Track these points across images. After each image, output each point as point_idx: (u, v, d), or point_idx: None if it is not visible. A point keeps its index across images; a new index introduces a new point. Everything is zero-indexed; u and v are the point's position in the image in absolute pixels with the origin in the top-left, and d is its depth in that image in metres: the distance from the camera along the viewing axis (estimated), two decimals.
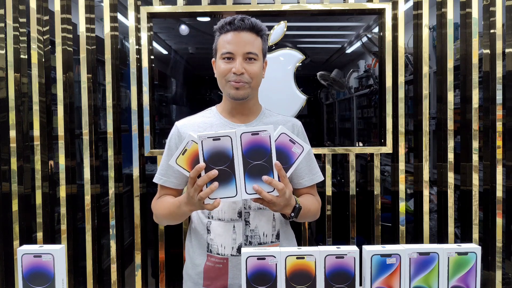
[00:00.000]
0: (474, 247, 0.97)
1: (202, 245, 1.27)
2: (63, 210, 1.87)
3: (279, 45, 1.91)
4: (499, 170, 1.85)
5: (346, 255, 0.95)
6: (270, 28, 1.89)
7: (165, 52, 2.06)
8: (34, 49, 1.84)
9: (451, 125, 1.86)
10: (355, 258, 0.95)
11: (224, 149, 0.99)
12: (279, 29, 1.89)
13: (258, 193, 1.01)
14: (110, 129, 1.87)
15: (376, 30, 1.96)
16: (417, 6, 1.89)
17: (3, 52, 1.84)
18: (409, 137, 2.05)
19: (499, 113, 1.84)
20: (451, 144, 1.86)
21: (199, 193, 1.01)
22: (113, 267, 1.89)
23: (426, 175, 1.88)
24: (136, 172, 1.87)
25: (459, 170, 1.92)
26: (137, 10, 1.86)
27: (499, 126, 1.84)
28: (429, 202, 1.90)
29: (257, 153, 1.00)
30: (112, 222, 1.87)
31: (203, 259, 1.26)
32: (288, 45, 1.92)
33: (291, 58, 1.91)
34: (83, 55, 1.85)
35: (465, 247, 0.97)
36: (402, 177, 1.88)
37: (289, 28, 1.89)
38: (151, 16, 1.88)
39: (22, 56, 1.88)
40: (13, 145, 1.85)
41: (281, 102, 1.91)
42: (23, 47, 1.87)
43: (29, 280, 0.97)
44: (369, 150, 1.91)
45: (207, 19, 1.95)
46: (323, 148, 1.89)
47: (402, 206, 1.90)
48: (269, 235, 1.25)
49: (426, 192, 1.88)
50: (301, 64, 1.91)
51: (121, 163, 1.93)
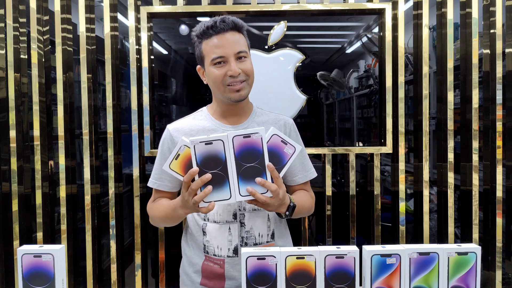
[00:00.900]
0: (474, 247, 0.97)
1: (199, 246, 1.27)
2: (63, 210, 1.87)
3: (279, 45, 1.91)
4: (499, 170, 1.85)
5: (346, 255, 0.95)
6: (270, 28, 1.89)
7: (165, 52, 2.06)
8: (34, 49, 1.84)
9: (451, 125, 1.86)
10: (355, 258, 0.95)
11: (216, 152, 1.00)
12: (279, 29, 1.89)
13: (252, 195, 1.02)
14: (110, 129, 1.87)
15: (376, 30, 1.96)
16: (417, 6, 1.89)
17: (3, 52, 1.84)
18: (409, 137, 2.05)
19: (499, 113, 1.84)
20: (451, 144, 1.86)
21: (194, 197, 1.02)
22: (113, 267, 1.89)
23: (426, 175, 1.88)
24: (136, 172, 1.87)
25: (459, 170, 1.92)
26: (137, 10, 1.86)
27: (499, 126, 1.84)
28: (429, 202, 1.90)
29: (250, 155, 1.01)
30: (112, 222, 1.87)
31: (201, 258, 1.26)
32: (288, 45, 1.92)
33: (291, 58, 1.91)
34: (83, 55, 1.85)
35: (465, 247, 0.97)
36: (402, 177, 1.88)
37: (289, 28, 1.89)
38: (151, 16, 1.88)
39: (22, 56, 1.88)
40: (13, 145, 1.85)
41: (281, 102, 1.91)
42: (23, 47, 1.87)
43: (29, 280, 0.97)
44: (369, 150, 1.91)
45: (207, 19, 1.94)
46: (323, 148, 1.89)
47: (402, 206, 1.90)
48: (265, 235, 1.25)
49: (426, 192, 1.88)
50: (301, 64, 1.91)
51: (121, 163, 1.93)
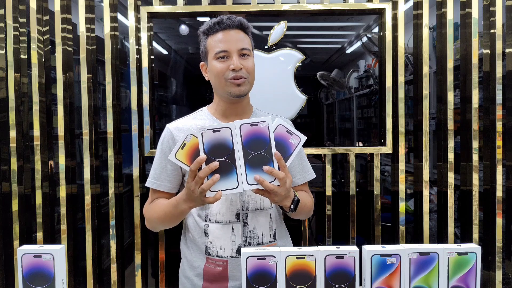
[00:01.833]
0: (474, 247, 0.97)
1: (200, 249, 1.26)
2: (63, 210, 1.87)
3: (279, 45, 1.91)
4: (499, 170, 1.85)
5: (346, 255, 0.95)
6: (270, 28, 1.89)
7: (165, 52, 2.06)
8: (34, 49, 1.84)
9: (451, 125, 1.86)
10: (355, 258, 0.95)
11: (224, 140, 1.00)
12: (279, 29, 1.89)
13: (259, 183, 1.01)
14: (110, 129, 1.87)
15: (376, 30, 1.96)
16: (417, 6, 1.89)
17: (3, 52, 1.84)
18: (409, 137, 2.05)
19: (499, 113, 1.84)
20: (451, 144, 1.86)
21: (201, 185, 1.00)
22: (113, 267, 1.89)
23: (426, 175, 1.88)
24: (136, 172, 1.87)
25: (459, 170, 1.92)
26: (137, 10, 1.86)
27: (499, 126, 1.84)
28: (429, 202, 1.90)
29: (257, 143, 1.01)
30: (112, 222, 1.87)
31: (202, 261, 1.25)
32: (288, 45, 1.92)
33: (291, 58, 1.91)
34: (83, 55, 1.85)
35: (465, 247, 0.97)
36: (402, 177, 1.88)
37: (289, 28, 1.89)
38: (151, 16, 1.88)
39: (22, 56, 1.88)
40: (13, 145, 1.85)
41: (281, 102, 1.91)
42: (23, 47, 1.87)
43: (29, 280, 0.97)
44: (369, 150, 1.91)
45: (207, 19, 1.94)
46: (323, 148, 1.89)
47: (402, 206, 1.90)
48: (267, 235, 1.25)
49: (426, 192, 1.88)
50: (301, 64, 1.91)
51: (121, 163, 1.93)
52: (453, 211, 1.87)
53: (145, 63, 1.85)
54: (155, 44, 1.93)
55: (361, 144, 2.24)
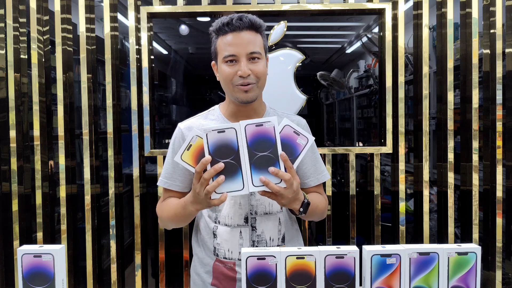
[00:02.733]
0: (474, 247, 0.97)
1: (209, 249, 1.26)
2: (63, 210, 1.87)
3: (279, 45, 1.91)
4: (499, 170, 1.85)
5: (346, 255, 0.95)
6: (270, 28, 1.89)
7: (165, 52, 2.06)
8: (34, 49, 1.84)
9: (451, 125, 1.86)
10: (355, 258, 0.95)
11: (229, 141, 0.98)
12: (279, 29, 1.89)
13: (265, 185, 0.99)
14: (110, 129, 1.87)
15: (376, 30, 1.96)
16: (417, 6, 1.89)
17: (3, 52, 1.84)
18: (409, 137, 2.05)
19: (499, 113, 1.84)
20: (451, 144, 1.86)
21: (206, 187, 0.99)
22: (113, 267, 1.89)
23: (426, 175, 1.88)
24: (136, 172, 1.87)
25: (459, 170, 1.92)
26: (137, 10, 1.86)
27: (499, 126, 1.84)
28: (429, 202, 1.90)
29: (262, 144, 0.99)
30: (112, 222, 1.87)
31: (212, 259, 1.25)
32: (288, 45, 1.92)
33: (291, 58, 1.91)
34: (83, 55, 1.85)
35: (465, 247, 0.97)
36: (402, 177, 1.88)
37: (289, 28, 1.89)
38: (151, 16, 1.88)
39: (22, 56, 1.88)
40: (13, 145, 1.85)
41: (281, 102, 1.91)
42: (23, 47, 1.87)
43: (29, 280, 0.97)
44: (369, 150, 1.91)
45: (207, 19, 1.95)
46: (323, 148, 1.89)
47: (402, 206, 1.89)
48: (275, 239, 1.24)
49: (426, 192, 1.88)
50: (301, 64, 1.91)
51: (121, 163, 1.93)
52: (453, 211, 1.87)
53: (145, 63, 1.85)
54: (155, 44, 1.93)
55: (361, 144, 2.24)
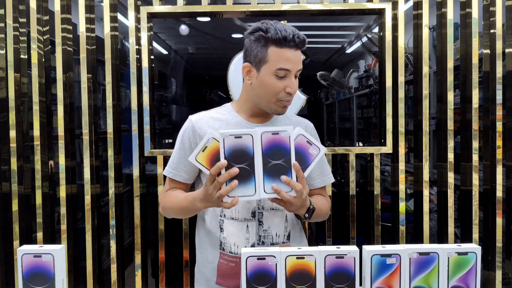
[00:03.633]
0: (474, 247, 0.97)
1: (214, 243, 1.26)
2: (63, 210, 1.87)
3: None
4: (499, 170, 1.85)
5: (346, 255, 0.95)
6: None
7: (165, 52, 2.06)
8: (34, 49, 1.84)
9: (451, 125, 1.86)
10: (355, 258, 0.95)
11: (245, 147, 1.00)
12: None
13: (277, 193, 1.02)
14: (110, 129, 1.87)
15: (376, 30, 1.96)
16: (417, 6, 1.89)
17: (3, 52, 1.84)
18: (409, 137, 2.05)
19: (499, 113, 1.84)
20: (451, 144, 1.86)
21: (219, 190, 1.01)
22: (113, 267, 1.89)
23: (426, 175, 1.88)
24: (136, 172, 1.87)
25: (459, 170, 1.92)
26: (137, 10, 1.86)
27: (499, 126, 1.84)
28: (429, 202, 1.90)
29: (277, 152, 1.01)
30: (112, 222, 1.87)
31: (216, 256, 1.25)
32: None
33: None
34: (83, 55, 1.85)
35: (465, 247, 0.97)
36: (402, 177, 1.88)
37: None
38: (151, 16, 1.88)
39: (22, 56, 1.88)
40: (13, 145, 1.85)
41: None
42: (23, 47, 1.87)
43: (29, 280, 0.97)
44: (369, 150, 1.91)
45: (207, 19, 1.95)
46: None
47: (402, 206, 1.89)
48: (281, 236, 1.24)
49: (426, 192, 1.88)
50: None
51: (121, 163, 1.93)
52: (453, 211, 1.87)
53: (145, 63, 1.85)
54: (155, 44, 1.93)
55: (361, 144, 2.24)
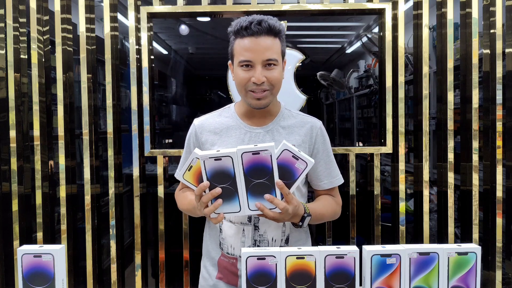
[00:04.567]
0: (474, 247, 0.97)
1: (216, 241, 1.30)
2: (63, 210, 1.87)
3: None
4: (499, 170, 1.85)
5: (346, 255, 0.95)
6: None
7: (165, 52, 2.06)
8: (34, 49, 1.84)
9: (451, 125, 1.86)
10: (355, 258, 0.95)
11: (226, 168, 1.01)
12: None
13: (260, 210, 1.03)
14: (110, 129, 1.87)
15: (376, 30, 1.96)
16: (417, 6, 1.89)
17: (3, 52, 1.84)
18: (409, 137, 2.05)
19: (499, 113, 1.84)
20: (451, 144, 1.86)
21: (205, 208, 1.05)
22: (113, 267, 1.89)
23: (426, 175, 1.88)
24: (136, 172, 1.87)
25: (459, 170, 1.92)
26: (137, 10, 1.86)
27: (499, 126, 1.84)
28: (429, 202, 1.90)
29: (259, 171, 1.02)
30: (112, 222, 1.87)
31: (218, 253, 1.29)
32: (288, 45, 1.92)
33: (291, 58, 1.90)
34: (83, 55, 1.85)
35: (465, 247, 0.97)
36: (402, 177, 1.88)
37: (289, 28, 1.89)
38: (151, 16, 1.88)
39: (22, 56, 1.88)
40: (13, 145, 1.85)
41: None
42: (23, 47, 1.87)
43: (29, 280, 0.97)
44: (369, 150, 1.91)
45: (207, 19, 1.95)
46: None
47: (402, 206, 1.89)
48: (278, 240, 1.24)
49: (426, 192, 1.88)
50: (301, 64, 1.91)
51: (121, 163, 1.93)
52: (453, 211, 1.87)
53: (145, 63, 1.85)
54: (155, 44, 1.93)
55: (361, 144, 2.24)
